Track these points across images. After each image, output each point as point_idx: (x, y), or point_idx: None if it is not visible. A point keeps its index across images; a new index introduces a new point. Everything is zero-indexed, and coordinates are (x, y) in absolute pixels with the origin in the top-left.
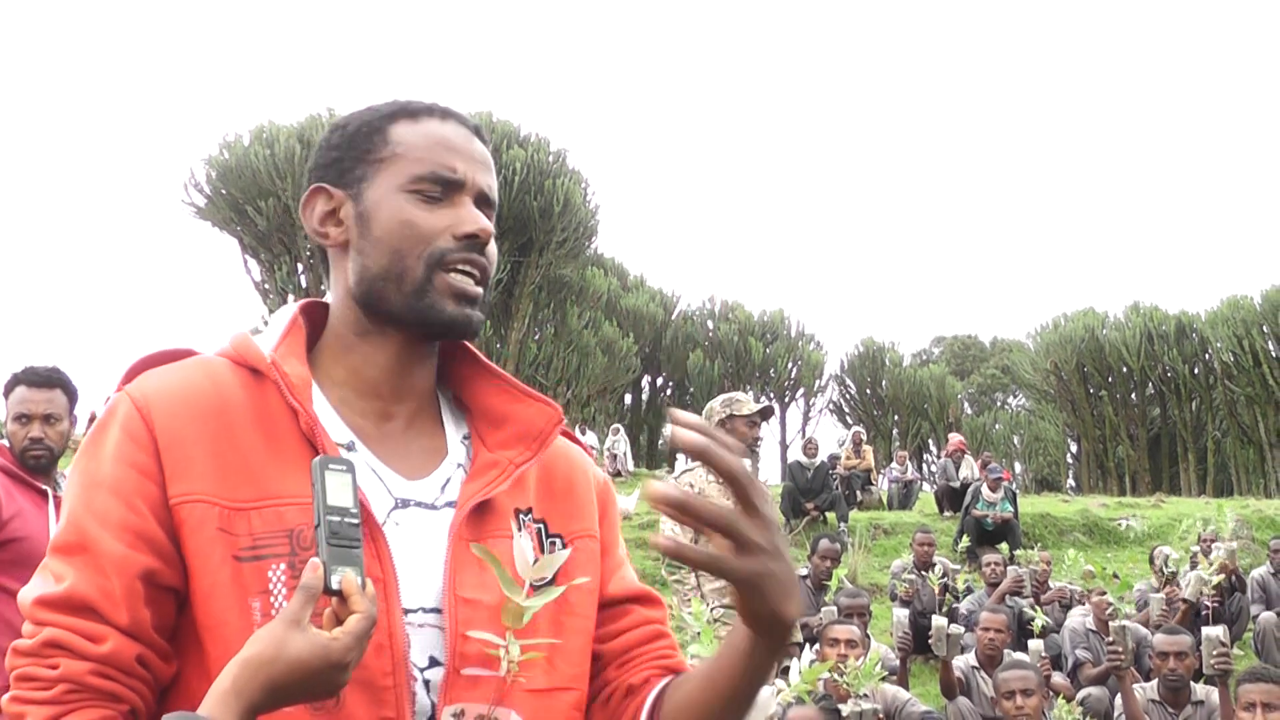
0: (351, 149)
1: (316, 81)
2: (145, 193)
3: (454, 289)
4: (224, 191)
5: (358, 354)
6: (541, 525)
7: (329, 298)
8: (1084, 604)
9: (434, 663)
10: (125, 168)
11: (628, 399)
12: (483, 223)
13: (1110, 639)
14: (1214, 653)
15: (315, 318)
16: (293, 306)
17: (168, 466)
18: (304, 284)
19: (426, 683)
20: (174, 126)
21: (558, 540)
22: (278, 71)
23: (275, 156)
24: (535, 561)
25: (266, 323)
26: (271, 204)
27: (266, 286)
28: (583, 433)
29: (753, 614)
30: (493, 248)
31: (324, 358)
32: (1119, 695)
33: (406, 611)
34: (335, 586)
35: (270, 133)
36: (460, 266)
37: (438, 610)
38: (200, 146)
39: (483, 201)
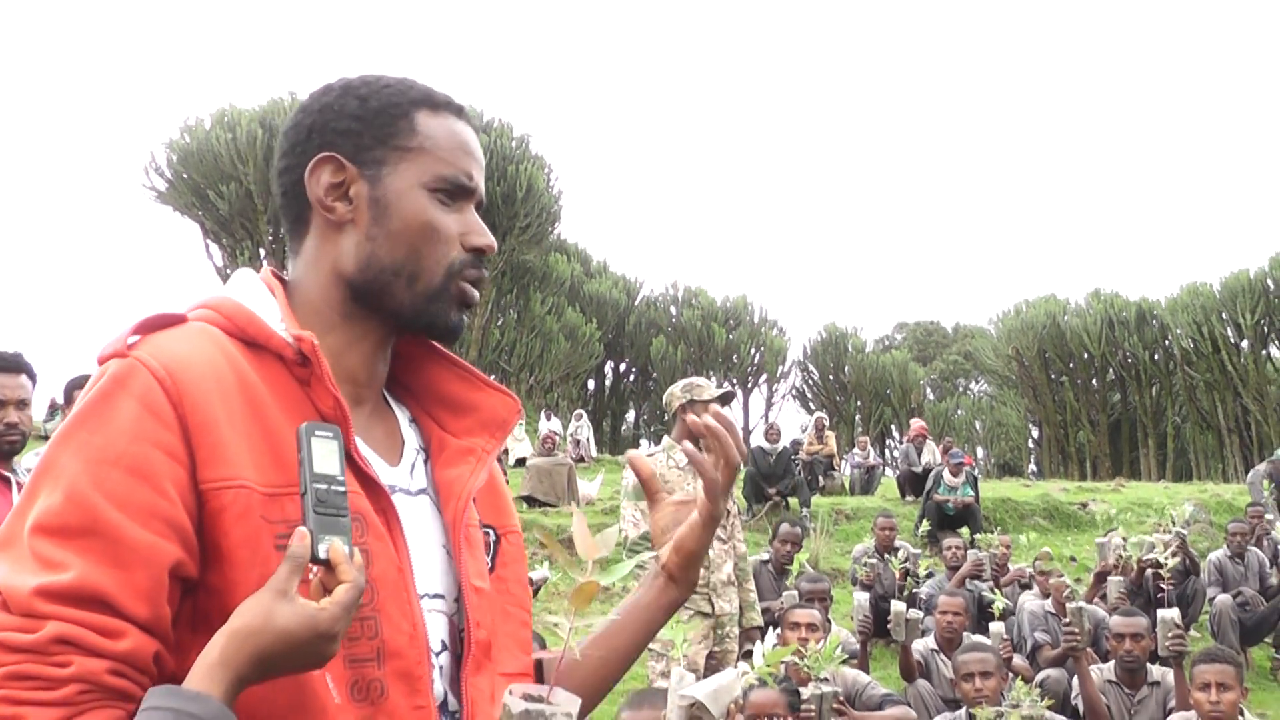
0: (374, 127)
1: (278, 65)
2: (105, 176)
3: (464, 298)
4: (185, 176)
5: (339, 336)
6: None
7: (298, 270)
8: (1034, 586)
9: (443, 648)
10: (84, 151)
11: (591, 385)
12: (490, 238)
13: (1067, 620)
14: (1169, 634)
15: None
16: (260, 275)
17: (199, 449)
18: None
19: (440, 669)
20: (134, 110)
21: (490, 531)
22: (239, 55)
23: (237, 140)
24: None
25: (230, 275)
26: (233, 188)
27: (229, 272)
28: (547, 418)
29: (688, 557)
30: (495, 246)
31: None
32: (1076, 677)
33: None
34: (322, 556)
35: (232, 116)
36: (470, 278)
37: (440, 596)
38: (161, 130)
39: (479, 207)
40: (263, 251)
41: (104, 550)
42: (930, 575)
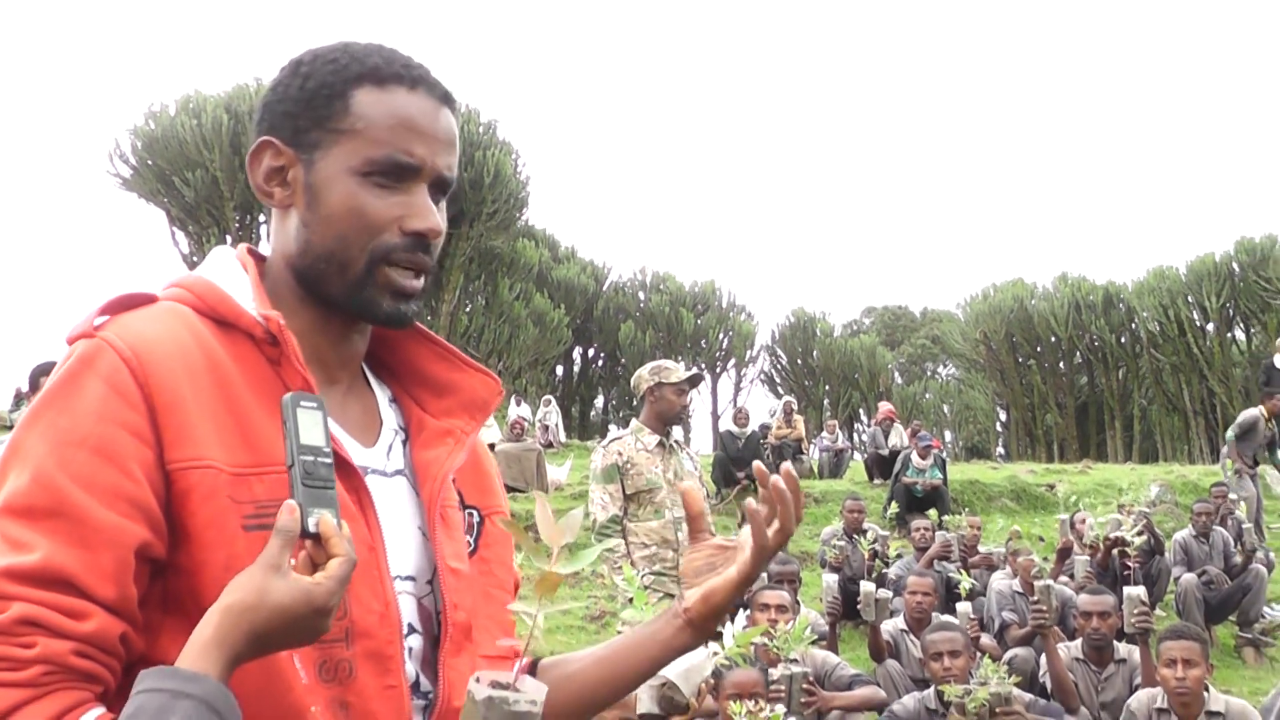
0: (309, 109)
1: (244, 51)
2: (69, 163)
3: (393, 286)
4: (150, 162)
5: (303, 318)
6: (459, 495)
7: (268, 252)
8: (1006, 566)
9: (411, 630)
10: (48, 137)
11: (559, 370)
12: (432, 221)
13: (1035, 598)
14: (1135, 612)
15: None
16: (234, 253)
17: (166, 429)
18: None
19: (410, 650)
20: (98, 96)
21: (474, 512)
22: (204, 41)
23: (202, 127)
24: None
25: (196, 262)
26: (199, 175)
27: (195, 259)
28: (516, 404)
29: (714, 610)
30: (442, 228)
31: None
32: (1044, 655)
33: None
34: (312, 529)
35: (197, 103)
36: (403, 263)
37: (412, 579)
38: (125, 116)
39: (439, 185)
40: (229, 239)
41: (70, 531)
42: (899, 557)
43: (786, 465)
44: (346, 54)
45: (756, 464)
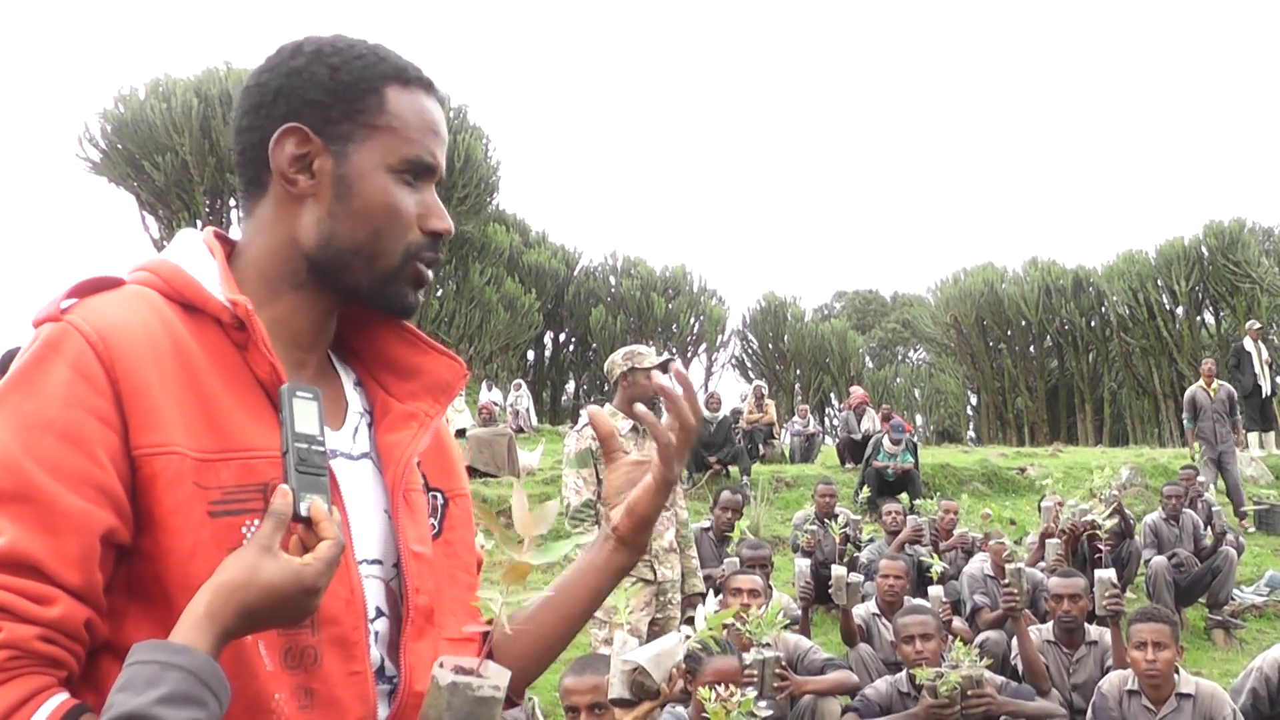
0: (343, 101)
1: (213, 34)
2: (38, 147)
3: (419, 279)
4: (120, 146)
5: (285, 304)
6: (424, 478)
7: (249, 232)
8: (983, 550)
9: (379, 614)
10: (16, 121)
11: (530, 355)
12: (449, 222)
13: (1006, 581)
14: (1106, 594)
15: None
16: (201, 237)
17: (132, 415)
18: None
19: (376, 634)
20: (67, 79)
21: (439, 494)
22: (174, 23)
23: (172, 111)
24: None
25: (163, 246)
26: (169, 159)
27: (165, 243)
28: (487, 389)
29: (641, 521)
30: (453, 229)
31: None
32: (1016, 638)
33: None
34: (304, 513)
35: (167, 86)
36: (427, 260)
37: (379, 562)
38: (94, 100)
39: (438, 179)
40: (199, 223)
41: (35, 516)
42: (871, 541)
43: (675, 365)
44: (371, 51)
45: (657, 376)
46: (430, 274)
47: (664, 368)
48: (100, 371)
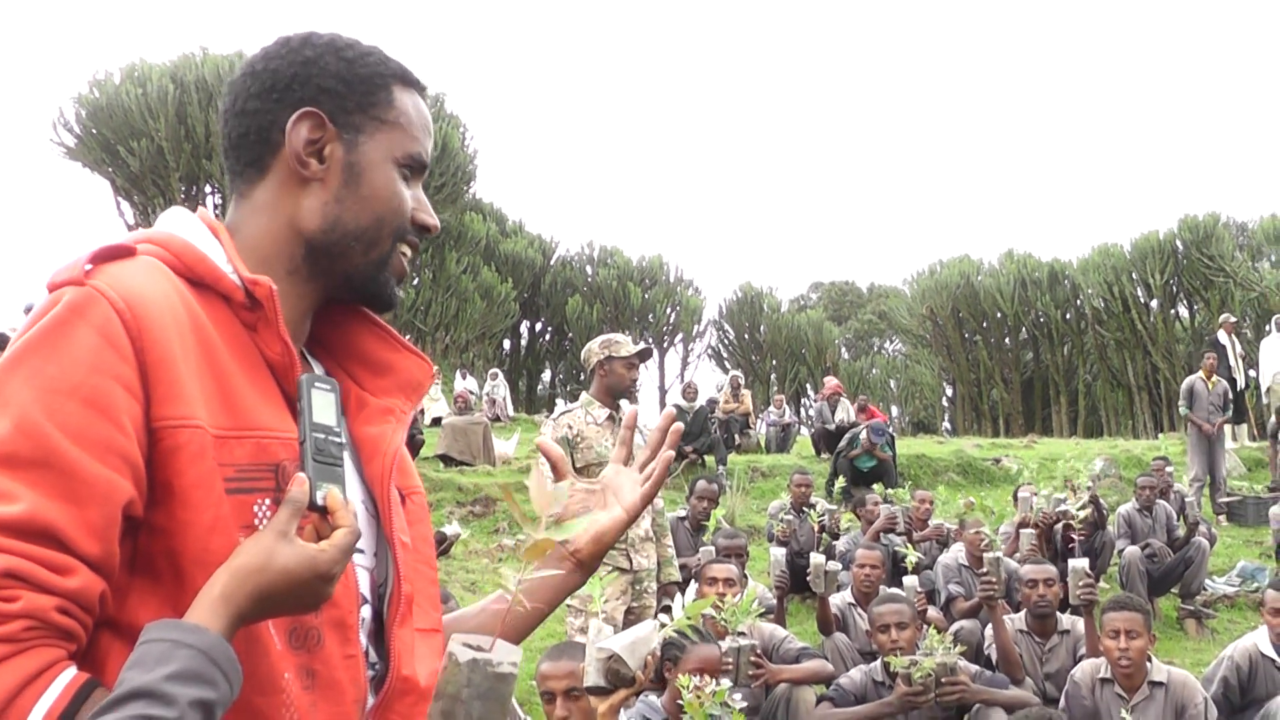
0: (358, 93)
1: (189, 20)
2: (11, 132)
3: (401, 270)
4: (95, 131)
5: (280, 290)
6: None
7: (242, 214)
8: (958, 540)
9: (365, 601)
10: None
11: (506, 344)
12: (436, 219)
13: (984, 570)
14: (1079, 583)
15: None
16: (196, 216)
17: (156, 385)
18: None
19: (362, 621)
20: (41, 64)
21: (397, 492)
22: (149, 9)
23: (147, 96)
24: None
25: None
26: (144, 144)
27: (141, 229)
28: (463, 378)
29: (604, 549)
30: (439, 226)
31: None
32: (990, 627)
33: None
34: (320, 502)
35: (142, 71)
36: (411, 244)
37: (362, 551)
38: (69, 85)
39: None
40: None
41: (56, 483)
42: (848, 530)
43: (669, 410)
44: (378, 51)
45: (635, 412)
46: (407, 265)
47: (642, 356)
48: (126, 340)
